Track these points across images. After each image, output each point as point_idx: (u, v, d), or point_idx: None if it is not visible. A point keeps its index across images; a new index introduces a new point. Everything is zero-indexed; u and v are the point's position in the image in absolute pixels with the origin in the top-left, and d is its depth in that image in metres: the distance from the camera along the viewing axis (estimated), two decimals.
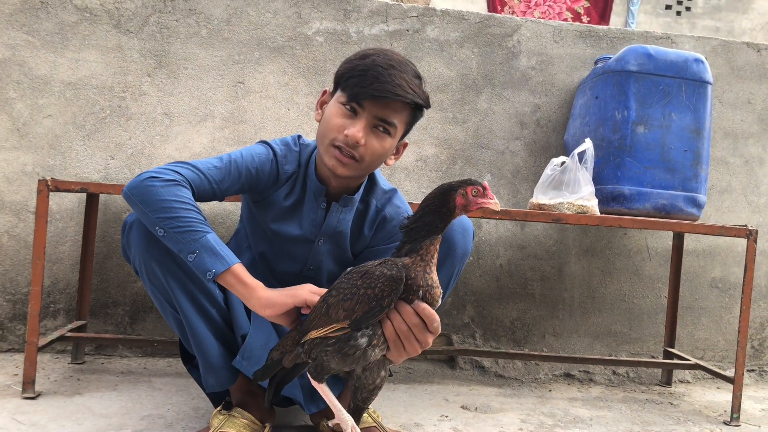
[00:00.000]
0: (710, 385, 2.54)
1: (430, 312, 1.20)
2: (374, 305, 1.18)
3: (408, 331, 1.20)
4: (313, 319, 1.26)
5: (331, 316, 1.22)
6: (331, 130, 1.42)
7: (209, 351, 1.46)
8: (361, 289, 1.19)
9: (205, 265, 1.30)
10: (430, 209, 1.22)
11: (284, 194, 1.55)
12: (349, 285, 1.21)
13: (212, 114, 2.32)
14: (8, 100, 2.21)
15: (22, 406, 1.68)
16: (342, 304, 1.20)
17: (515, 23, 2.51)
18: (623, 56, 2.19)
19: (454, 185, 1.22)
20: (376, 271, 1.19)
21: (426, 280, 1.21)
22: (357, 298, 1.19)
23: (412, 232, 1.22)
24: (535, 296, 2.52)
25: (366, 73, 1.38)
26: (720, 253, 2.64)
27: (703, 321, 2.64)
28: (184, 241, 1.31)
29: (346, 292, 1.21)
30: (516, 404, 2.06)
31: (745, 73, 2.65)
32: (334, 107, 1.44)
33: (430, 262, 1.22)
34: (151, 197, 1.32)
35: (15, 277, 2.21)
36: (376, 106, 1.39)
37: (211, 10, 2.31)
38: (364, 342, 1.20)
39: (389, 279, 1.17)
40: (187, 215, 1.32)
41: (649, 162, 2.14)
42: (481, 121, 2.49)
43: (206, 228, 1.33)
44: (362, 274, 1.20)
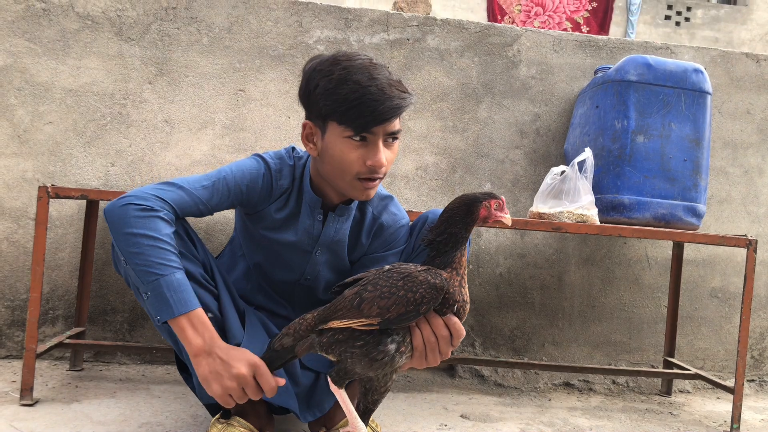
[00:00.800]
0: (710, 395, 2.53)
1: (460, 327, 1.22)
2: (411, 309, 1.17)
3: (435, 343, 1.21)
4: (339, 308, 1.23)
5: (363, 311, 1.20)
6: (350, 165, 1.39)
7: None
8: (401, 290, 1.18)
9: (155, 309, 1.29)
10: (455, 220, 1.23)
11: (277, 208, 1.54)
12: (389, 284, 1.20)
13: (213, 121, 2.33)
14: (9, 106, 2.22)
15: (20, 412, 1.67)
16: (378, 301, 1.19)
17: (515, 33, 2.52)
18: (623, 66, 2.20)
19: (480, 197, 1.24)
20: (420, 276, 1.19)
21: (462, 295, 1.22)
22: (395, 299, 1.18)
23: (440, 245, 1.23)
24: (535, 305, 2.51)
25: (361, 102, 1.33)
26: (720, 263, 2.64)
27: (703, 331, 2.63)
28: (140, 279, 1.30)
29: (384, 290, 1.19)
30: (515, 413, 2.05)
31: (745, 83, 2.66)
32: (340, 143, 1.39)
33: (464, 276, 1.24)
34: (121, 225, 1.31)
35: (14, 284, 2.21)
36: (383, 126, 1.38)
37: (212, 19, 2.32)
38: (392, 348, 1.20)
39: (432, 287, 1.18)
40: (149, 252, 1.29)
41: (649, 171, 2.15)
42: (481, 130, 2.50)
43: (165, 270, 1.28)
44: (404, 276, 1.19)
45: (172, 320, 1.28)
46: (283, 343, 1.31)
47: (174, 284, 1.28)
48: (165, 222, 1.34)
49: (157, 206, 1.34)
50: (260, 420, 1.53)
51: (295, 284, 1.62)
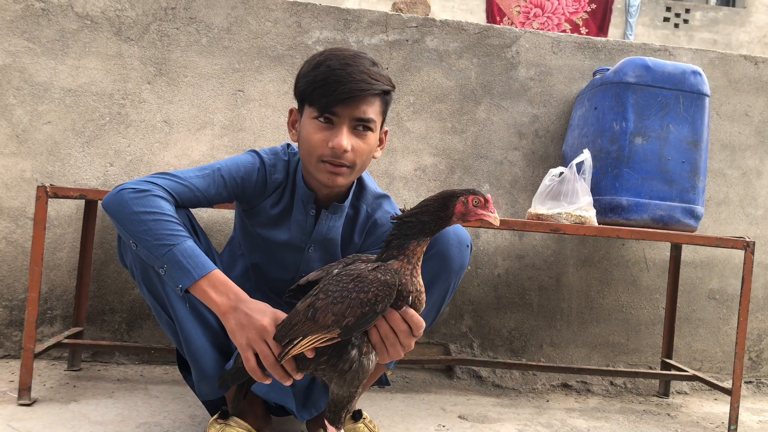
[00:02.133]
0: (708, 396, 2.54)
1: (419, 319, 1.20)
2: (368, 310, 1.14)
3: (395, 338, 1.20)
4: (295, 323, 1.20)
5: (318, 321, 1.16)
6: (315, 148, 1.41)
7: (203, 358, 1.45)
8: (353, 292, 1.14)
9: (174, 280, 1.29)
10: (427, 210, 1.20)
11: (271, 203, 1.54)
12: (339, 288, 1.16)
13: (212, 122, 2.33)
14: (8, 106, 2.21)
15: (18, 412, 1.67)
16: (331, 308, 1.15)
17: (514, 34, 2.52)
18: (621, 68, 2.20)
19: (457, 192, 1.20)
20: (369, 276, 1.15)
21: (415, 285, 1.19)
22: (348, 302, 1.14)
23: (404, 226, 1.20)
24: (533, 306, 2.52)
25: (326, 80, 1.36)
26: (717, 265, 2.65)
27: (700, 332, 2.64)
28: (154, 255, 1.30)
29: (335, 296, 1.16)
30: (513, 414, 2.06)
31: (743, 85, 2.67)
32: (308, 124, 1.42)
33: (417, 265, 1.20)
34: (122, 210, 1.32)
35: (12, 284, 2.21)
36: (348, 108, 1.39)
37: (211, 19, 2.33)
38: (355, 353, 1.18)
39: (384, 284, 1.14)
40: (155, 227, 1.29)
41: (647, 173, 2.15)
42: (479, 131, 2.50)
43: (175, 240, 1.29)
44: (354, 278, 1.16)
45: (194, 286, 1.28)
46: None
47: (188, 251, 1.29)
48: (161, 198, 1.35)
49: (150, 188, 1.35)
50: (258, 420, 1.53)
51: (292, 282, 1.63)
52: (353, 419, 1.58)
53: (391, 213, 1.61)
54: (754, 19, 13.58)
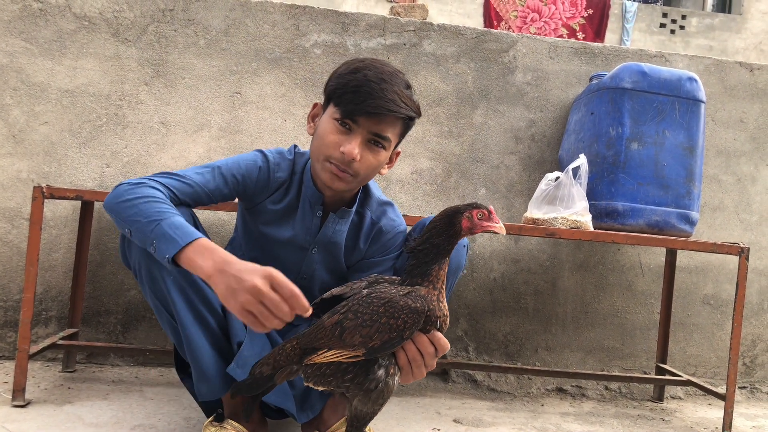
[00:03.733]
0: (702, 401, 2.54)
1: (445, 342, 1.22)
2: (395, 336, 1.17)
3: (421, 360, 1.22)
4: (320, 337, 1.22)
5: (345, 340, 1.19)
6: (326, 147, 1.43)
7: (203, 359, 1.45)
8: (383, 317, 1.17)
9: (161, 252, 1.26)
10: (436, 231, 1.23)
11: (275, 200, 1.55)
12: (370, 311, 1.18)
13: (209, 124, 2.33)
14: (5, 106, 2.21)
15: (12, 414, 1.67)
16: (359, 330, 1.18)
17: (511, 39, 2.53)
18: (618, 73, 2.21)
19: (461, 208, 1.23)
20: (401, 302, 1.18)
21: (442, 310, 1.22)
22: (378, 326, 1.17)
23: (420, 254, 1.23)
24: (529, 310, 2.52)
25: (359, 89, 1.38)
26: (712, 270, 2.66)
27: (695, 337, 2.65)
28: (144, 233, 1.28)
29: (365, 318, 1.18)
30: (508, 418, 2.06)
31: (738, 92, 2.68)
32: (328, 123, 1.44)
33: (441, 289, 1.23)
34: (116, 200, 1.34)
35: (7, 284, 2.20)
36: (370, 122, 1.40)
37: (209, 21, 2.33)
38: (382, 374, 1.20)
39: (413, 311, 1.17)
40: (145, 208, 1.30)
41: (643, 179, 2.16)
42: (476, 136, 2.50)
43: (163, 216, 1.28)
44: (385, 302, 1.18)
45: (180, 254, 1.24)
46: (263, 371, 1.29)
47: (175, 224, 1.28)
48: (155, 189, 1.36)
49: (146, 181, 1.37)
50: (254, 423, 1.53)
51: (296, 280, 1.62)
52: None
53: (395, 220, 1.63)
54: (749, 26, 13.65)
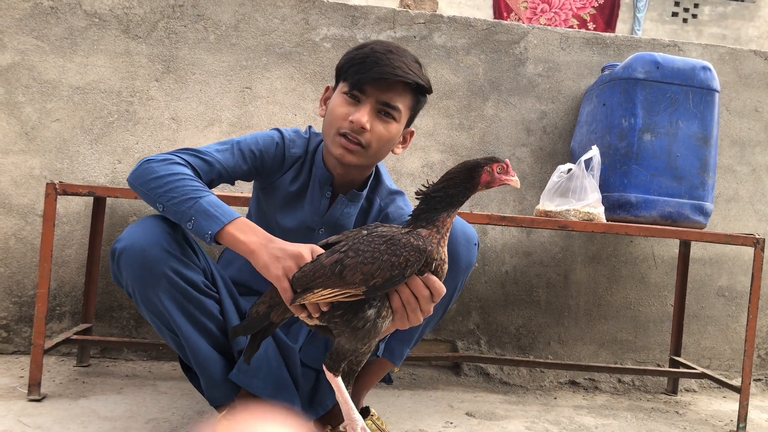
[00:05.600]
0: (716, 394, 2.53)
1: (440, 285, 1.20)
2: (396, 273, 1.15)
3: (416, 303, 1.20)
4: (319, 276, 1.20)
5: (346, 278, 1.16)
6: (336, 119, 1.44)
7: (211, 367, 1.45)
8: (385, 254, 1.15)
9: (202, 228, 1.29)
10: (454, 182, 1.21)
11: (290, 178, 1.56)
12: (371, 249, 1.17)
13: (219, 119, 2.33)
14: (17, 104, 2.22)
15: (28, 408, 1.69)
16: (361, 267, 1.16)
17: (522, 30, 2.51)
18: (630, 64, 2.19)
19: (481, 162, 1.22)
20: (403, 239, 1.16)
21: (440, 254, 1.19)
22: (379, 263, 1.15)
23: (432, 201, 1.20)
24: (541, 303, 2.51)
25: (365, 59, 1.40)
26: (727, 262, 2.63)
27: (709, 330, 2.63)
28: (181, 210, 1.31)
29: (367, 256, 1.16)
30: (521, 411, 2.05)
31: (753, 81, 2.65)
32: (337, 98, 1.46)
33: (445, 236, 1.21)
34: (146, 176, 1.35)
35: (21, 280, 2.22)
36: (378, 90, 1.41)
37: (219, 16, 2.33)
38: (372, 314, 1.18)
39: (415, 249, 1.15)
40: (180, 185, 1.33)
41: (656, 170, 2.14)
42: (487, 128, 2.49)
43: (200, 194, 1.32)
44: (387, 240, 1.17)
45: (222, 231, 1.28)
46: (259, 311, 1.32)
47: (214, 202, 1.32)
48: (183, 166, 1.38)
49: (173, 157, 1.39)
50: None
51: None
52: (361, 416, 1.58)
53: (404, 209, 1.62)
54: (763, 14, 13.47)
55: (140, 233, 1.36)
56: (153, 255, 1.34)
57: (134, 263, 1.35)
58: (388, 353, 1.59)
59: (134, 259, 1.35)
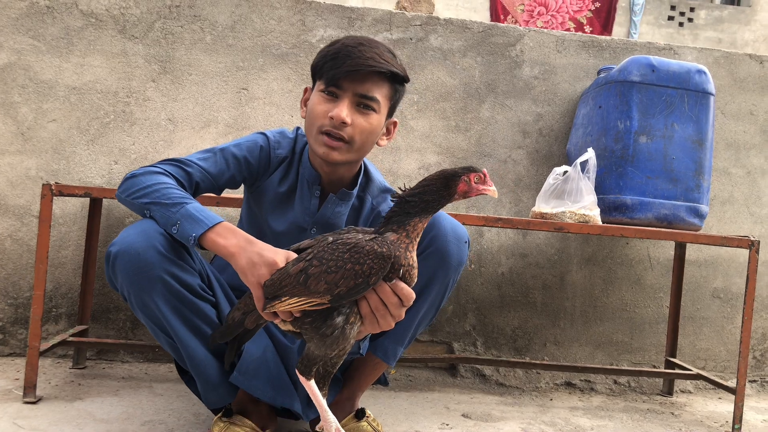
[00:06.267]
0: (712, 395, 2.53)
1: (409, 291, 1.20)
2: (361, 282, 1.15)
3: (384, 309, 1.20)
4: (285, 285, 1.20)
5: (310, 287, 1.17)
6: (316, 118, 1.45)
7: (207, 370, 1.45)
8: (348, 263, 1.15)
9: (186, 232, 1.31)
10: (430, 189, 1.20)
11: (278, 179, 1.57)
12: (335, 257, 1.16)
13: (216, 120, 2.33)
14: (13, 104, 2.22)
15: (23, 410, 1.68)
16: (324, 276, 1.16)
17: (518, 33, 2.52)
18: (626, 67, 2.20)
19: (459, 171, 1.21)
20: (366, 246, 1.15)
21: (408, 259, 1.19)
22: (343, 272, 1.15)
23: (407, 205, 1.20)
24: (537, 305, 2.51)
25: (337, 54, 1.42)
26: (722, 264, 2.64)
27: (704, 331, 2.63)
28: (166, 215, 1.33)
29: (330, 264, 1.16)
30: (517, 413, 2.06)
31: (748, 84, 2.66)
32: (315, 97, 1.47)
33: (414, 240, 1.20)
34: (132, 188, 1.38)
35: (17, 281, 2.22)
36: (353, 83, 1.42)
37: (215, 17, 2.33)
38: (341, 320, 1.19)
39: (379, 256, 1.15)
40: (166, 192, 1.35)
41: (652, 172, 2.15)
42: (483, 130, 2.50)
43: (187, 200, 1.35)
44: (350, 248, 1.16)
45: (204, 235, 1.30)
46: (234, 317, 1.33)
47: (199, 208, 1.35)
48: (167, 176, 1.41)
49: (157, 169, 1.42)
50: (263, 419, 1.54)
51: None
52: (356, 418, 1.58)
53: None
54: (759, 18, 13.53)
55: (135, 236, 1.35)
56: (148, 258, 1.34)
57: (129, 267, 1.35)
58: (382, 353, 1.59)
59: (129, 262, 1.34)
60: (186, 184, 1.44)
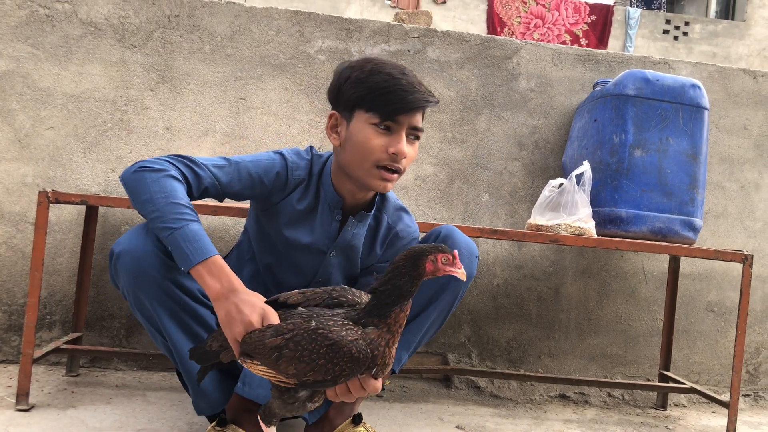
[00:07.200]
0: (705, 409, 2.54)
1: (375, 387, 1.23)
2: (328, 379, 1.18)
3: (348, 394, 1.24)
4: (258, 353, 1.22)
5: (280, 367, 1.19)
6: (372, 152, 1.42)
7: None
8: (322, 359, 1.16)
9: (177, 260, 1.31)
10: (400, 272, 1.20)
11: (296, 198, 1.55)
12: (311, 348, 1.17)
13: (213, 129, 2.34)
14: (11, 111, 2.22)
15: (15, 418, 1.67)
16: (296, 363, 1.18)
17: (515, 46, 2.54)
18: (621, 80, 2.22)
19: (426, 250, 1.21)
20: (345, 348, 1.16)
21: (384, 357, 1.20)
22: (314, 365, 1.17)
23: (382, 295, 1.20)
24: (532, 316, 2.52)
25: (392, 88, 1.40)
26: (716, 277, 2.65)
27: (698, 345, 2.64)
28: (162, 235, 1.31)
29: (305, 354, 1.17)
30: (511, 425, 2.06)
31: (742, 99, 2.69)
32: (365, 130, 1.43)
33: (396, 333, 1.21)
34: (138, 188, 1.34)
35: (12, 288, 2.21)
36: (408, 117, 1.43)
37: (214, 27, 2.34)
38: (303, 395, 1.23)
39: (354, 361, 1.16)
40: (165, 210, 1.31)
41: (646, 185, 2.16)
42: (479, 142, 2.51)
43: (179, 224, 1.31)
44: (329, 345, 1.16)
45: (192, 269, 1.29)
46: (212, 346, 1.33)
47: (189, 236, 1.30)
48: (176, 180, 1.36)
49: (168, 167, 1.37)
50: (256, 427, 1.53)
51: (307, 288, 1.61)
52: (353, 423, 1.60)
53: (411, 226, 1.65)
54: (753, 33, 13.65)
55: (140, 238, 1.36)
56: (151, 262, 1.35)
57: (131, 268, 1.36)
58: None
59: (131, 264, 1.36)
60: (194, 187, 1.42)
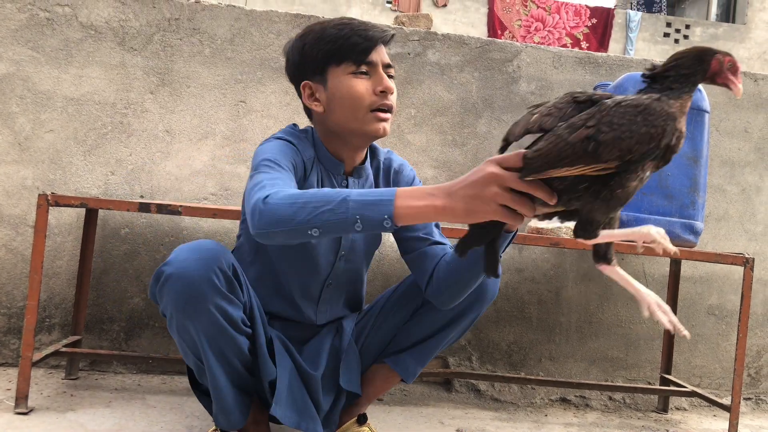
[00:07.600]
0: (707, 412, 2.53)
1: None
2: (653, 146, 1.06)
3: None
4: (563, 156, 1.07)
5: (601, 156, 1.05)
6: (362, 98, 1.41)
7: (226, 397, 1.43)
8: (642, 126, 1.05)
9: (374, 220, 1.12)
10: (683, 63, 1.11)
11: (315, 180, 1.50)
12: (627, 121, 1.06)
13: (213, 132, 2.33)
14: (11, 114, 2.22)
15: (14, 421, 1.67)
16: (618, 143, 1.05)
17: (515, 49, 2.54)
18: (622, 83, 2.22)
19: (714, 50, 1.11)
20: (657, 108, 1.06)
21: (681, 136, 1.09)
22: (638, 137, 1.05)
23: (666, 80, 1.10)
24: (532, 320, 2.51)
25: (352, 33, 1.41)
26: (717, 281, 2.65)
27: (699, 348, 2.63)
28: (340, 221, 1.14)
29: (624, 130, 1.05)
30: (511, 429, 2.05)
31: (743, 102, 2.68)
32: (347, 81, 1.42)
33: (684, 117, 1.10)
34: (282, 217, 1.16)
35: (11, 291, 2.21)
36: (378, 54, 1.43)
37: (214, 30, 2.34)
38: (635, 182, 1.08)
39: (671, 117, 1.06)
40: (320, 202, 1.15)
41: (647, 188, 2.16)
42: (480, 145, 2.51)
43: (340, 193, 1.15)
44: (641, 110, 1.06)
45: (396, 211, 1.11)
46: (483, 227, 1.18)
47: (359, 192, 1.16)
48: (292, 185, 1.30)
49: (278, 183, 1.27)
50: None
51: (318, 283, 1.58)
52: (358, 423, 1.61)
53: (403, 162, 1.65)
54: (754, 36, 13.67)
55: (192, 261, 1.29)
56: (202, 289, 1.28)
57: (180, 293, 1.29)
58: (402, 370, 1.62)
59: (181, 288, 1.29)
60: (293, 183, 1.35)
